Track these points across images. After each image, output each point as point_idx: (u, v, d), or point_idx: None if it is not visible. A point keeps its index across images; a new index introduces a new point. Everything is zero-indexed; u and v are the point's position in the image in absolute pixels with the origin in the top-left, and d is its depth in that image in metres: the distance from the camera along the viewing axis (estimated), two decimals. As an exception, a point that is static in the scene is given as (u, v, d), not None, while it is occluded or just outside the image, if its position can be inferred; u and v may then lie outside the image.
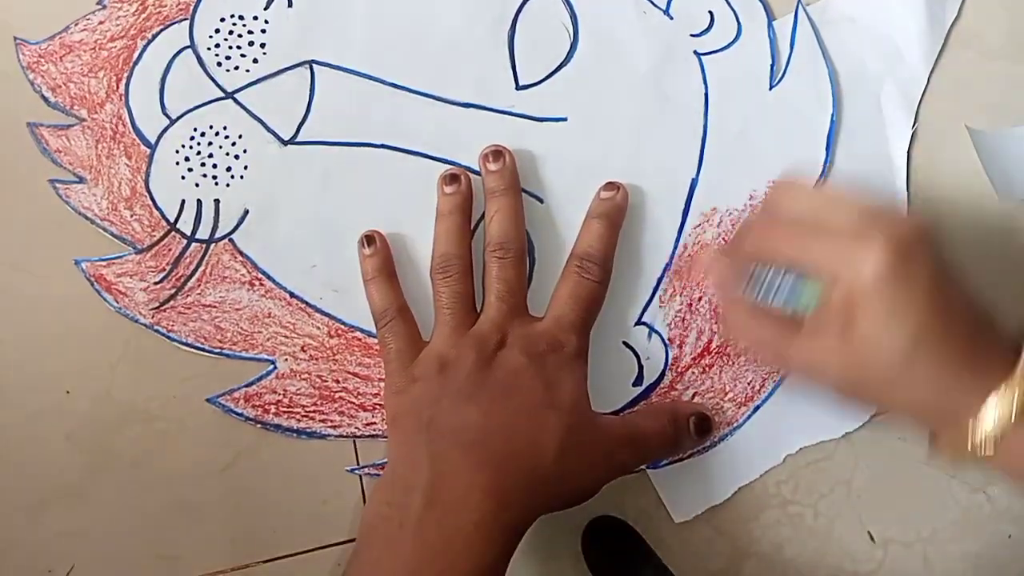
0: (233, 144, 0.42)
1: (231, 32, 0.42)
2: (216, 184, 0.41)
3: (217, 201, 0.41)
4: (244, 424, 0.42)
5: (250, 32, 0.42)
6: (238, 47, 0.42)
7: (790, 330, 0.34)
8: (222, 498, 0.42)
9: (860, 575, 0.44)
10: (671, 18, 0.43)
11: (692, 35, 0.43)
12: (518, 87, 0.43)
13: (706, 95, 0.43)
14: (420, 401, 0.38)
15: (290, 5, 0.42)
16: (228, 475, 0.42)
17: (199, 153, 0.41)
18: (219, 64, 0.42)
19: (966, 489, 0.44)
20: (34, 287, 0.42)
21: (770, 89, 0.43)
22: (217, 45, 0.42)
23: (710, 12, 0.43)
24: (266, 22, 0.42)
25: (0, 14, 0.42)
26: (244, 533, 0.42)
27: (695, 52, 0.43)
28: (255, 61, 0.42)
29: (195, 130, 0.41)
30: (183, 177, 0.41)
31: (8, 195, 0.42)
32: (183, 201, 0.41)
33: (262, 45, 0.42)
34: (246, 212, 0.42)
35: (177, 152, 0.41)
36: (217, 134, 0.41)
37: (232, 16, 0.42)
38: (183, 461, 0.42)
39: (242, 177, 0.42)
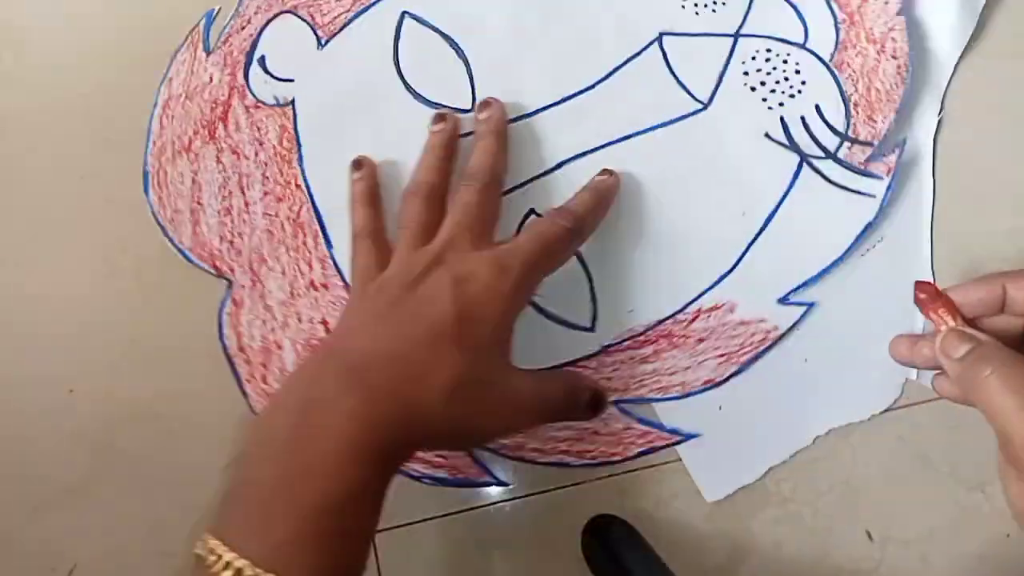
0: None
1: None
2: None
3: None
4: (245, 422, 0.42)
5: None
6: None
7: None
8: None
9: (859, 574, 0.44)
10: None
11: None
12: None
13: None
14: (344, 323, 0.39)
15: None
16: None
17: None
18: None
19: (965, 489, 0.44)
20: (36, 286, 0.42)
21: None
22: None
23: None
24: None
25: (1, 14, 0.42)
26: (245, 531, 0.44)
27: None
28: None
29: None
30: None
31: (11, 194, 0.42)
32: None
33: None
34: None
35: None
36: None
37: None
38: (185, 459, 0.42)
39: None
